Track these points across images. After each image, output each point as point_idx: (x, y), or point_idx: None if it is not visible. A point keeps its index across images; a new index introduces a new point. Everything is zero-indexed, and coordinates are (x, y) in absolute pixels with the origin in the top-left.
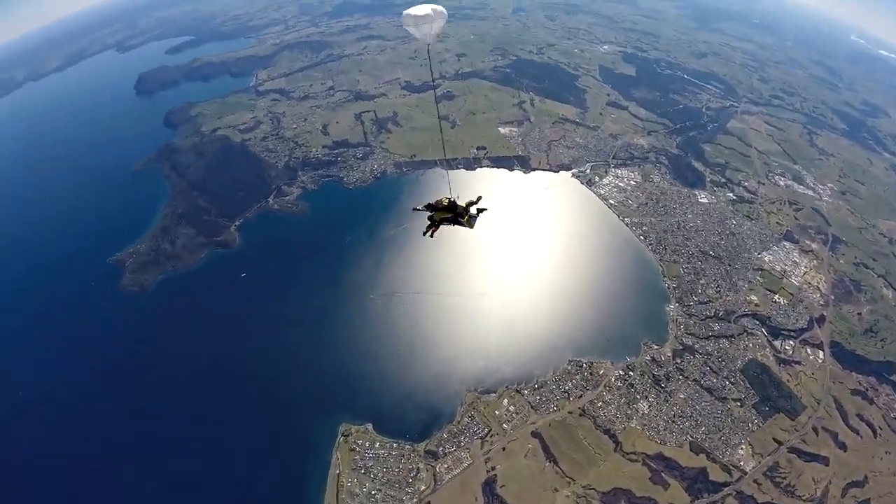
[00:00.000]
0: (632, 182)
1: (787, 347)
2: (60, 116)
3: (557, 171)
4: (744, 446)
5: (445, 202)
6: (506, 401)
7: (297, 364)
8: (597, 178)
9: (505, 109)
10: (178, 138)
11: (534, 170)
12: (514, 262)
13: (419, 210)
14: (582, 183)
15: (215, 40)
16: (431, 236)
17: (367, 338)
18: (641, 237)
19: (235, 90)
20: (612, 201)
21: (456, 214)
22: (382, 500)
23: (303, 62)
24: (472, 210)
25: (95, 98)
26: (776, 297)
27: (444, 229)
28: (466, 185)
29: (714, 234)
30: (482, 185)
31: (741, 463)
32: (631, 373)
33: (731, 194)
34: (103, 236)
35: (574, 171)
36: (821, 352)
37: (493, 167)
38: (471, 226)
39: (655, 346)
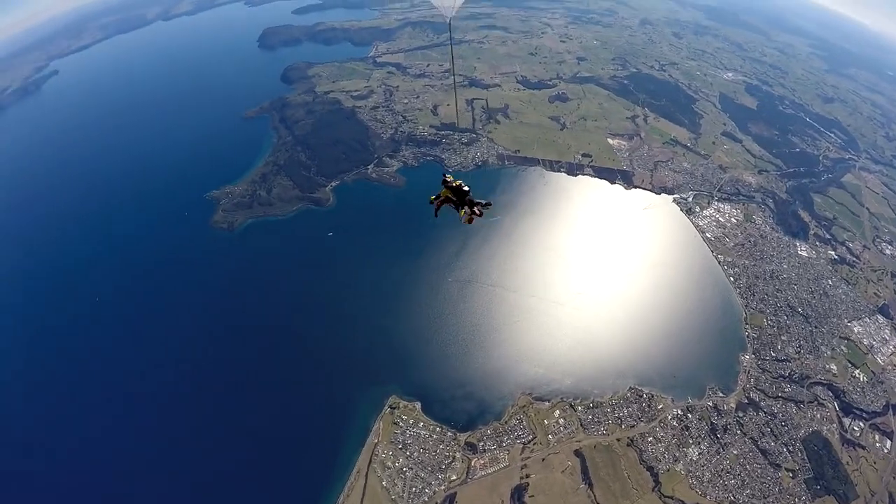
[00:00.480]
0: (732, 219)
1: (855, 428)
2: (184, 57)
3: (659, 193)
4: None
5: (455, 184)
6: (558, 412)
7: (362, 327)
8: (697, 208)
9: (617, 121)
10: (292, 94)
11: (635, 187)
12: (597, 276)
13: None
14: (681, 210)
15: (341, 7)
16: (435, 215)
17: (436, 318)
18: (731, 278)
19: (353, 58)
20: (708, 235)
21: (460, 202)
22: (412, 478)
23: (423, 41)
24: (476, 209)
25: (219, 45)
26: (857, 371)
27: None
28: (565, 189)
29: (806, 290)
30: (581, 192)
31: None
32: (689, 415)
33: (832, 253)
34: (205, 172)
35: (676, 196)
36: (889, 441)
37: (594, 177)
38: (466, 220)
39: (721, 394)
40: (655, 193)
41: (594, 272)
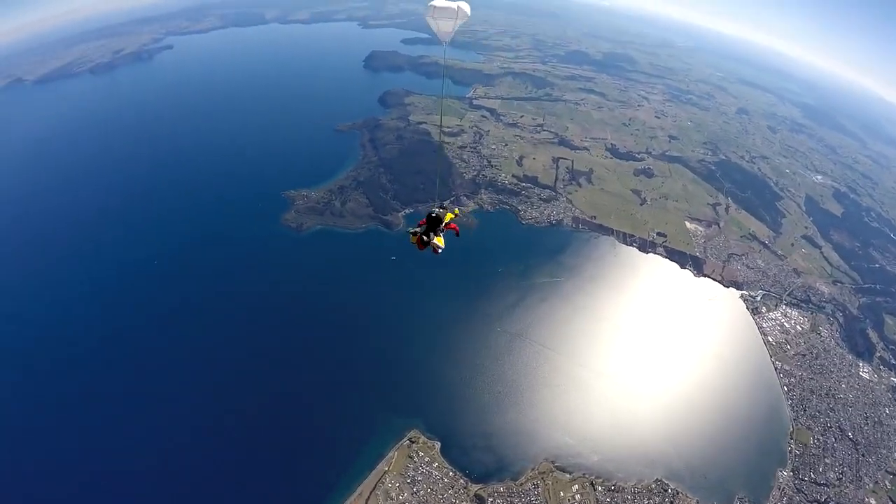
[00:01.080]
0: (798, 326)
1: None
2: (291, 61)
3: (727, 286)
4: None
5: (439, 214)
6: (576, 487)
7: (401, 354)
8: (764, 309)
9: (698, 205)
10: (386, 117)
11: (704, 275)
12: (648, 355)
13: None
14: (747, 307)
15: (448, 45)
16: (420, 247)
17: (476, 364)
18: (785, 388)
19: (451, 95)
20: (770, 338)
21: (431, 228)
22: None
23: (521, 92)
24: (439, 237)
25: (327, 57)
26: None
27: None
28: (634, 264)
29: (861, 415)
30: (649, 270)
31: None
32: None
33: (895, 380)
34: (286, 172)
35: (744, 292)
36: None
37: (665, 257)
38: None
39: None
40: (724, 286)
41: (646, 351)
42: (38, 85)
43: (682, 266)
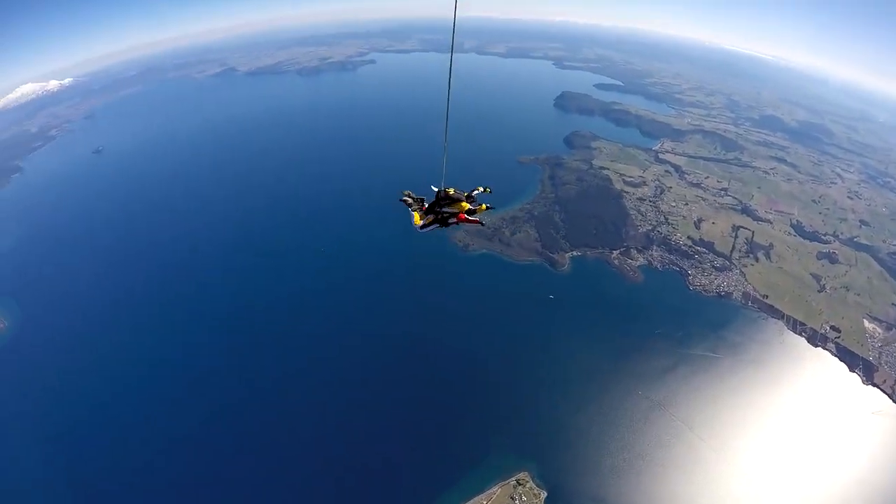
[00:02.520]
0: None
1: None
2: (482, 89)
3: None
4: None
5: (451, 193)
6: None
7: (534, 393)
8: None
9: (882, 303)
10: (569, 157)
11: (874, 384)
12: (788, 460)
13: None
14: None
15: (641, 95)
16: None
17: (606, 421)
18: None
19: (638, 145)
20: None
21: (443, 213)
22: None
23: (708, 152)
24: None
25: (519, 90)
26: None
27: None
28: (798, 356)
29: None
30: (813, 365)
31: None
32: None
33: None
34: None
35: None
36: None
37: (834, 355)
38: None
39: None
40: (894, 401)
41: (788, 455)
42: (249, 76)
43: (851, 369)
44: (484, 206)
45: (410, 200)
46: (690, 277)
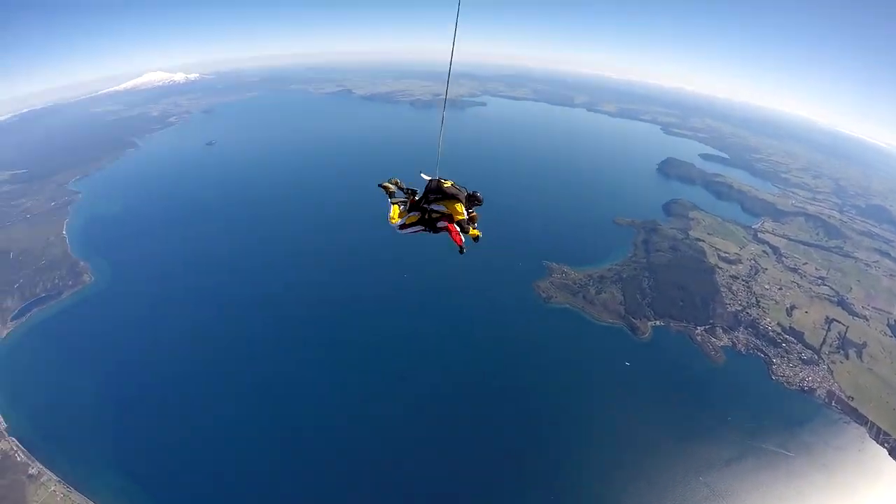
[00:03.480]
0: None
1: None
2: (585, 145)
3: None
4: None
5: (446, 186)
6: None
7: (581, 455)
8: None
9: None
10: (665, 224)
11: None
12: None
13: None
14: None
15: (745, 170)
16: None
17: (657, 500)
18: None
19: (737, 221)
20: None
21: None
22: None
23: (809, 237)
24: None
25: (623, 151)
26: None
27: None
28: (876, 468)
29: None
30: (890, 480)
31: None
32: None
33: None
34: (554, 244)
35: None
36: None
37: None
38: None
39: None
40: None
41: None
42: (364, 100)
43: None
44: (476, 231)
45: (394, 189)
46: (774, 366)
